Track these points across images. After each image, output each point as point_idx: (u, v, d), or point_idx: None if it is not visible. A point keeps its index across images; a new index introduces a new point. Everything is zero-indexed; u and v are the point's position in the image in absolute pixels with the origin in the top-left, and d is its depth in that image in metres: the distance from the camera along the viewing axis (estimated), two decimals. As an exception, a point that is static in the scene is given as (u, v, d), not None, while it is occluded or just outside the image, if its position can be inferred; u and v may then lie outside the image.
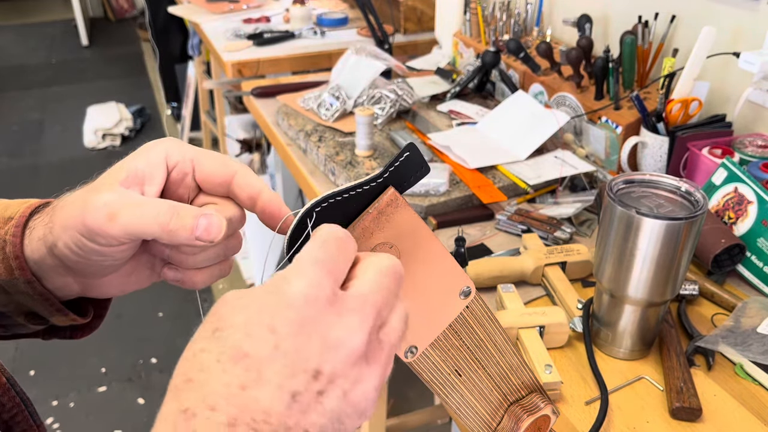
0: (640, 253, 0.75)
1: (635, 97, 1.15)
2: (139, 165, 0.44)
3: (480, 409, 0.55)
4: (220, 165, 0.45)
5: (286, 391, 0.31)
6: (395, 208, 0.43)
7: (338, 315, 0.33)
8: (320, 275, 0.34)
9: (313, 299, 0.33)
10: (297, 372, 0.32)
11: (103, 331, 0.46)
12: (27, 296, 0.46)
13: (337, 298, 0.34)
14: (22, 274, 0.45)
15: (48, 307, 0.47)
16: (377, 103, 1.46)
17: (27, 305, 0.48)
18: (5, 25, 6.08)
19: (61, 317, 0.49)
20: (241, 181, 0.45)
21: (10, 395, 0.43)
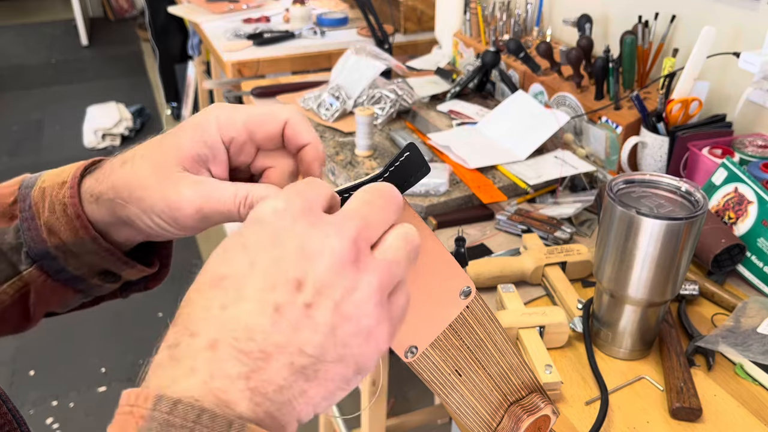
0: (640, 253, 0.75)
1: (635, 97, 1.15)
2: (200, 150, 0.45)
3: (480, 409, 0.55)
4: (271, 120, 0.45)
5: (268, 305, 0.30)
6: (395, 208, 0.43)
7: (312, 225, 0.32)
8: (290, 194, 0.33)
9: (282, 210, 0.32)
10: (277, 284, 0.30)
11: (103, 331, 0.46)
12: (95, 255, 0.49)
13: (312, 212, 0.32)
14: (86, 233, 0.47)
15: (116, 262, 0.50)
16: (377, 103, 1.46)
17: (97, 264, 0.50)
18: (5, 25, 6.08)
19: (130, 270, 0.52)
20: (289, 134, 0.45)
21: (2, 411, 0.42)
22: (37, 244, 0.49)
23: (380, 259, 0.33)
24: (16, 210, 0.50)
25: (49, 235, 0.48)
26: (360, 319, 0.31)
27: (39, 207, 0.49)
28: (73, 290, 0.53)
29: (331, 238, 0.31)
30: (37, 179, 0.51)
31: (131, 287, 0.56)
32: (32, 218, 0.49)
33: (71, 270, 0.50)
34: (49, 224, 0.48)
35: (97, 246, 0.48)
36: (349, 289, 0.31)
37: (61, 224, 0.48)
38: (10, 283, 0.50)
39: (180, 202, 0.43)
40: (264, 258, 0.31)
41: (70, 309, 0.56)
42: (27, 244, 0.49)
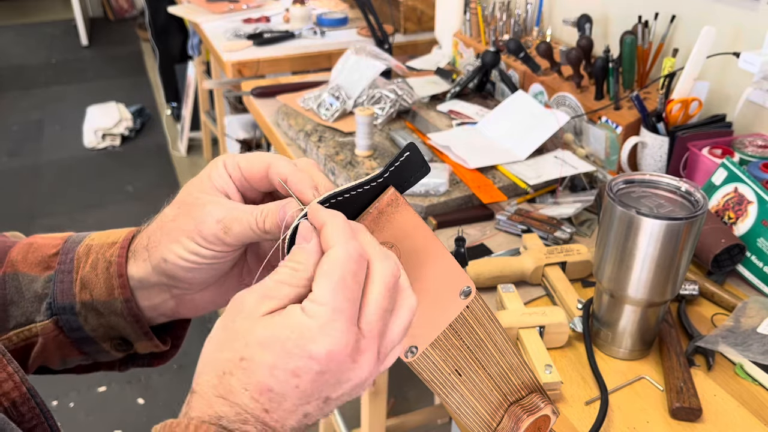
0: (640, 253, 0.75)
1: (635, 97, 1.15)
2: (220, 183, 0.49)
3: (480, 409, 0.55)
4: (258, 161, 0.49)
5: (300, 413, 0.39)
6: (395, 208, 0.43)
7: (354, 362, 0.39)
8: (342, 332, 0.38)
9: (336, 354, 0.38)
10: (311, 399, 0.39)
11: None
12: (120, 317, 0.51)
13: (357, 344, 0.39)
14: (122, 293, 0.50)
15: (136, 330, 0.52)
16: (377, 103, 1.46)
17: (117, 328, 0.52)
18: (5, 25, 6.08)
19: (145, 342, 0.54)
20: (272, 171, 0.48)
21: (30, 405, 0.43)
22: (65, 297, 0.51)
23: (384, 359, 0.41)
24: (55, 262, 0.52)
25: (81, 291, 0.51)
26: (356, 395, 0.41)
27: (81, 262, 0.51)
28: (79, 351, 0.54)
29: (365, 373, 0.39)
30: (84, 237, 0.53)
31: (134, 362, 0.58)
32: (69, 272, 0.51)
33: (87, 330, 0.52)
34: (86, 280, 0.51)
35: (126, 309, 0.51)
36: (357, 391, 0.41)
37: (99, 281, 0.50)
38: (18, 332, 0.51)
39: (204, 216, 0.46)
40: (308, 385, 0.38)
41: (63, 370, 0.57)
42: (53, 296, 0.51)
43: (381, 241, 0.43)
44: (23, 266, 0.52)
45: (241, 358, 0.38)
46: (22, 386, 0.43)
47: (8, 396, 0.42)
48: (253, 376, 0.38)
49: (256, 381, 0.37)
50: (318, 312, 0.37)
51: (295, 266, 0.39)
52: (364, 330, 0.39)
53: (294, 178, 0.46)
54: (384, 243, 0.43)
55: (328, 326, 0.37)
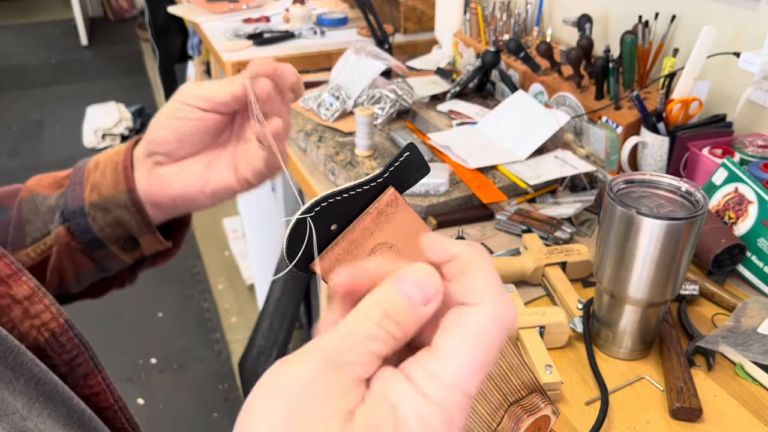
0: (640, 253, 0.75)
1: (635, 97, 1.15)
2: None
3: (480, 409, 0.55)
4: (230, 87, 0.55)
5: None
6: (395, 208, 0.43)
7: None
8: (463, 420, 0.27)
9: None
10: None
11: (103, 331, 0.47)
12: (124, 210, 0.56)
13: None
14: (126, 184, 0.56)
15: (139, 223, 0.57)
16: (377, 103, 1.46)
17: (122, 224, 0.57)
18: (5, 25, 6.08)
19: (150, 237, 0.58)
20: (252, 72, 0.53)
21: (69, 336, 0.43)
22: (75, 201, 0.56)
23: None
24: (67, 181, 0.58)
25: (90, 193, 0.56)
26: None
27: (91, 172, 0.57)
28: (90, 259, 0.58)
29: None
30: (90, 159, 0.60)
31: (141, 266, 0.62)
32: (81, 182, 0.57)
33: (95, 231, 0.57)
34: (95, 183, 0.56)
35: (130, 200, 0.56)
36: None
37: (107, 180, 0.56)
38: (35, 246, 0.56)
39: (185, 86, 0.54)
40: None
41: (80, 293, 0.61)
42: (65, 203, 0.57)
43: (380, 241, 0.43)
44: (38, 189, 0.58)
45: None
46: (60, 317, 0.43)
47: (47, 326, 0.42)
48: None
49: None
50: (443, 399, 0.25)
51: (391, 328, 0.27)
52: None
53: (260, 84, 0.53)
54: (383, 243, 0.43)
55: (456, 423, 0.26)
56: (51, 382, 0.39)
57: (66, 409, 0.39)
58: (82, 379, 0.44)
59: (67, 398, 0.40)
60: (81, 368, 0.44)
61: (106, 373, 0.45)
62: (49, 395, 0.38)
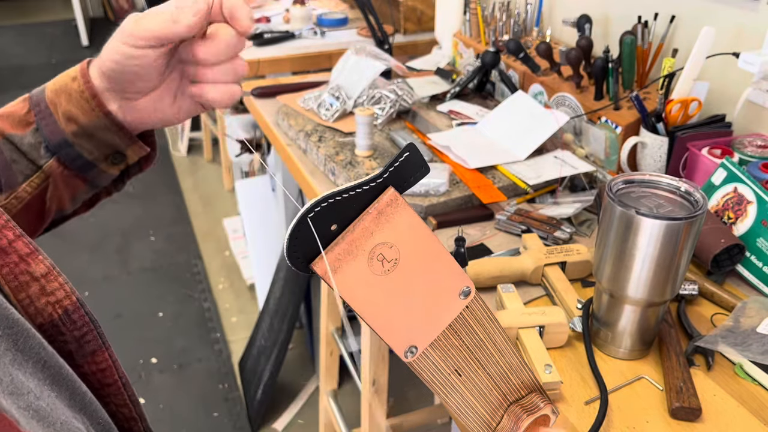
0: (640, 253, 0.75)
1: (635, 97, 1.15)
2: None
3: (480, 409, 0.55)
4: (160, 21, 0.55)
5: None
6: (395, 208, 0.43)
7: None
8: None
9: None
10: None
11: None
12: (107, 130, 0.59)
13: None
14: (101, 109, 0.58)
15: (123, 138, 0.61)
16: (377, 103, 1.46)
17: (108, 142, 0.60)
18: (5, 25, 6.08)
19: (133, 147, 0.62)
20: None
21: (80, 314, 0.45)
22: (56, 135, 0.59)
23: None
24: (31, 117, 0.59)
25: (67, 124, 0.59)
26: None
27: (56, 102, 0.59)
28: (83, 180, 0.62)
29: None
30: (44, 88, 0.61)
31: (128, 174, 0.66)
32: (50, 115, 0.59)
33: (86, 155, 0.60)
34: (68, 113, 0.58)
35: (110, 122, 0.59)
36: None
37: (80, 109, 0.58)
38: (30, 181, 0.59)
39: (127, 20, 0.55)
40: None
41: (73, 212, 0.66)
42: (46, 138, 0.59)
43: (380, 241, 0.43)
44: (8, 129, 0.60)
45: None
46: (72, 295, 0.44)
47: (61, 304, 0.44)
48: None
49: None
50: None
51: None
52: None
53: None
54: (383, 243, 0.43)
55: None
56: (56, 365, 0.40)
57: (69, 392, 0.41)
58: (90, 356, 0.45)
59: (70, 381, 0.41)
60: (90, 345, 0.45)
61: (113, 350, 0.46)
62: (54, 378, 0.40)
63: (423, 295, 0.45)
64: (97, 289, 2.67)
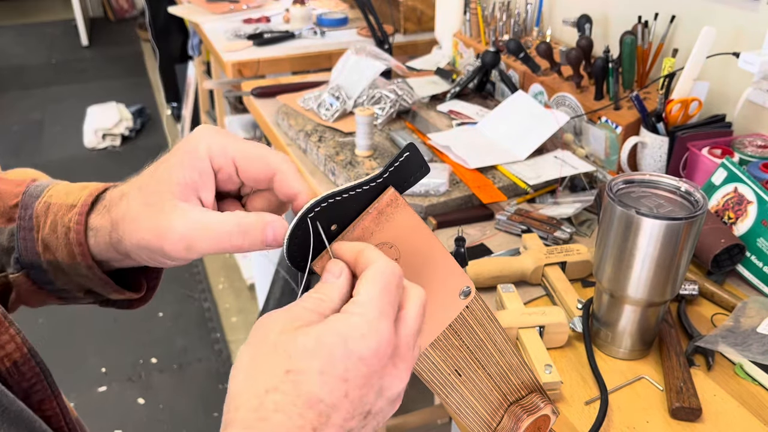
0: (640, 253, 0.75)
1: (635, 97, 1.15)
2: (190, 176, 0.45)
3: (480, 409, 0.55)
4: (262, 166, 0.46)
5: (345, 430, 0.37)
6: (395, 208, 0.43)
7: (395, 366, 0.39)
8: (389, 331, 0.38)
9: (382, 355, 0.37)
10: (356, 414, 0.37)
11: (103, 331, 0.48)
12: (86, 279, 0.50)
13: (397, 349, 0.39)
14: (84, 260, 0.49)
15: (105, 287, 0.52)
16: (377, 103, 1.46)
17: (86, 285, 0.51)
18: (5, 25, 6.08)
19: (118, 295, 0.53)
20: (279, 184, 0.46)
21: (30, 365, 0.45)
22: (30, 255, 0.50)
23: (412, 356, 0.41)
24: (15, 214, 0.50)
25: (44, 251, 0.49)
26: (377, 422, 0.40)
27: (40, 221, 0.49)
28: (56, 298, 0.54)
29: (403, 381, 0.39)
30: (44, 190, 0.51)
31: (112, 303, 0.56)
32: (30, 229, 0.49)
33: (59, 284, 0.52)
34: (47, 241, 0.49)
35: (92, 273, 0.49)
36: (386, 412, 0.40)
37: (60, 245, 0.49)
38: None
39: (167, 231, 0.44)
40: (355, 393, 0.37)
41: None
42: (20, 251, 0.50)
43: (380, 241, 0.43)
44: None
45: (286, 371, 0.36)
46: (23, 347, 0.44)
47: (10, 357, 0.43)
48: (303, 386, 0.36)
49: (306, 392, 0.35)
50: (364, 311, 0.37)
51: (322, 297, 0.40)
52: (402, 339, 0.39)
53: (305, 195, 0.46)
54: (383, 243, 0.43)
55: (376, 323, 0.37)
56: (17, 409, 0.41)
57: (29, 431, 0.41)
58: (37, 404, 0.45)
59: (30, 421, 0.41)
60: (37, 395, 0.45)
61: (62, 397, 0.46)
62: (13, 421, 0.40)
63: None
64: (97, 289, 2.67)
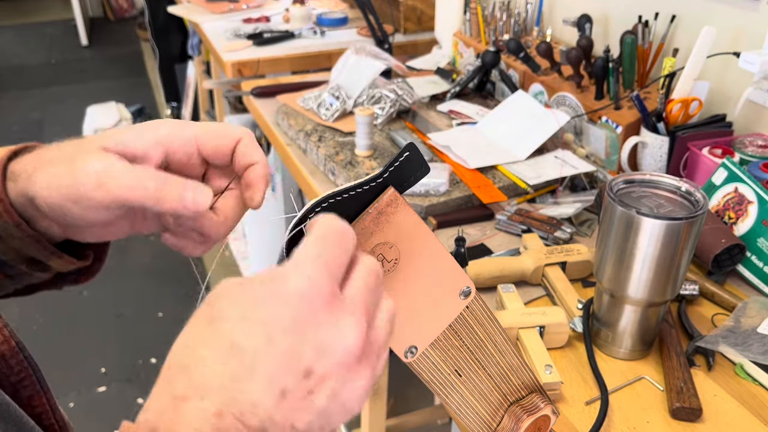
0: (640, 253, 0.75)
1: (635, 96, 1.15)
2: (129, 139, 0.44)
3: (480, 409, 0.55)
4: (222, 138, 0.46)
5: (277, 387, 0.31)
6: (395, 208, 0.43)
7: (334, 316, 0.33)
8: (319, 273, 0.33)
9: (310, 298, 0.33)
10: (289, 369, 0.32)
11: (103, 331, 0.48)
12: (19, 240, 0.46)
13: (335, 298, 0.34)
14: (9, 216, 0.45)
15: (42, 250, 0.47)
16: (377, 103, 1.46)
17: (22, 250, 0.47)
18: (5, 25, 6.08)
19: (57, 260, 0.49)
20: (240, 151, 0.46)
21: (19, 359, 0.44)
22: None
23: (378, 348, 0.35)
24: None
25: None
26: (349, 402, 0.34)
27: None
28: (3, 275, 0.50)
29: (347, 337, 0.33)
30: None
31: (65, 279, 0.54)
32: None
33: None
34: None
35: (20, 232, 0.46)
36: (348, 381, 0.33)
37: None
38: None
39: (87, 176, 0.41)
40: (282, 340, 0.32)
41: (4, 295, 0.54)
42: None
43: (380, 241, 0.43)
44: None
45: (209, 320, 0.33)
46: (11, 340, 0.43)
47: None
48: (223, 333, 0.32)
49: (225, 338, 0.32)
50: (295, 258, 0.34)
51: None
52: (347, 294, 0.35)
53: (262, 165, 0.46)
54: (383, 243, 0.43)
55: (303, 266, 0.33)
56: (4, 403, 0.40)
57: (17, 427, 0.40)
58: (26, 399, 0.44)
59: (17, 417, 0.40)
60: (26, 390, 0.44)
61: (51, 393, 0.45)
62: (1, 416, 0.39)
63: (423, 295, 0.45)
64: (97, 288, 2.67)
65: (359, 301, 0.35)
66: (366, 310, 0.35)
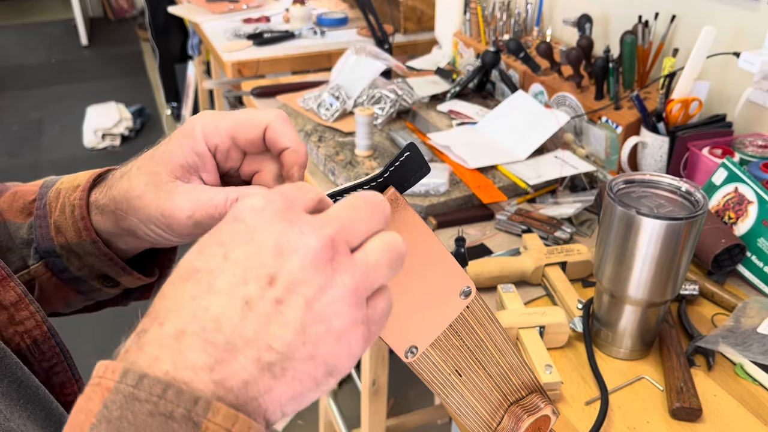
0: (640, 253, 0.75)
1: (635, 97, 1.15)
2: (190, 158, 0.47)
3: (480, 409, 0.55)
4: (252, 126, 0.46)
5: (239, 298, 0.30)
6: (395, 208, 0.43)
7: (290, 223, 0.31)
8: (272, 193, 0.32)
9: (261, 209, 0.31)
10: (249, 278, 0.30)
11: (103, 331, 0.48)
12: (94, 257, 0.52)
13: (292, 211, 0.32)
14: (88, 235, 0.50)
15: (114, 267, 0.53)
16: (377, 103, 1.46)
17: (96, 267, 0.53)
18: (5, 25, 6.08)
19: (127, 277, 0.54)
20: (270, 137, 0.46)
21: (51, 344, 0.44)
22: (45, 241, 0.52)
23: (359, 262, 0.32)
24: (34, 208, 0.53)
25: (57, 234, 0.52)
26: (332, 318, 0.30)
27: (52, 206, 0.52)
28: (75, 291, 0.55)
29: (308, 236, 0.31)
30: (56, 181, 0.54)
31: (131, 295, 0.58)
32: (45, 216, 0.52)
33: (73, 270, 0.53)
34: (58, 223, 0.51)
35: (97, 250, 0.51)
36: (321, 287, 0.30)
37: (68, 224, 0.51)
38: (19, 275, 0.53)
39: (173, 210, 0.46)
40: (238, 253, 0.30)
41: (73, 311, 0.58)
42: (37, 240, 0.52)
43: (381, 241, 0.43)
44: (9, 214, 0.54)
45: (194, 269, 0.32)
46: (43, 325, 0.44)
47: (30, 334, 0.43)
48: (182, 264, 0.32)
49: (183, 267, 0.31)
50: None
51: None
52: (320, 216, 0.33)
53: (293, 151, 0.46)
54: (384, 243, 0.43)
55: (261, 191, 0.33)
56: (33, 385, 0.40)
57: (45, 412, 0.40)
58: (58, 387, 0.45)
59: (46, 402, 0.41)
60: (58, 377, 0.45)
61: (83, 382, 0.45)
62: (29, 398, 0.39)
63: (423, 294, 0.45)
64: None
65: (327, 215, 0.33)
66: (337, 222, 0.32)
